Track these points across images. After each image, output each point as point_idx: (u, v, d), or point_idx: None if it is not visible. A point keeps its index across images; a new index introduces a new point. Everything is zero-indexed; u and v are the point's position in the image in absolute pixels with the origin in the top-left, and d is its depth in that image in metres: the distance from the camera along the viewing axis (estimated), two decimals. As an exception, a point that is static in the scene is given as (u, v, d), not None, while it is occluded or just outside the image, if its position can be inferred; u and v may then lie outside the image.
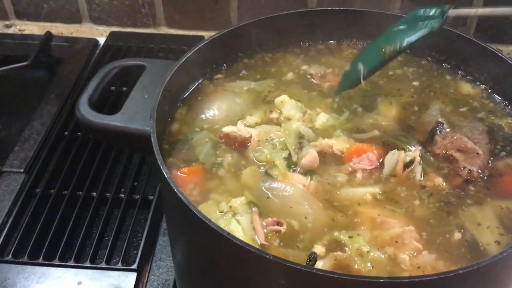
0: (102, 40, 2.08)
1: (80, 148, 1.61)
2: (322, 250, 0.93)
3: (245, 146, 1.13)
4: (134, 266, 1.31)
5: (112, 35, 2.10)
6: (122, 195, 1.49)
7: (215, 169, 1.09)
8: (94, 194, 1.49)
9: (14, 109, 1.85)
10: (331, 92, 1.25)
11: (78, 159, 1.58)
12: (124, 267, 1.31)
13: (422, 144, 1.13)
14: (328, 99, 1.24)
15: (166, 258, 1.34)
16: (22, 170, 1.54)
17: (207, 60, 1.28)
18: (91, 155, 1.60)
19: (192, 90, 1.26)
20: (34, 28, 2.18)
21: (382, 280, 0.79)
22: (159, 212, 1.45)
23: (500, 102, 1.24)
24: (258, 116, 1.19)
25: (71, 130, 1.68)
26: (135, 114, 1.10)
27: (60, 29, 2.17)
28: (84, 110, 1.12)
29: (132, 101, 1.14)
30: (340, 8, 1.34)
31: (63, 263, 1.32)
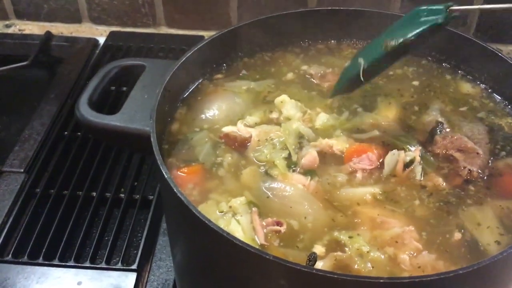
0: (102, 40, 2.08)
1: (80, 148, 1.61)
2: (322, 250, 0.93)
3: (245, 146, 1.13)
4: (134, 266, 1.31)
5: (112, 35, 2.09)
6: (122, 195, 1.49)
7: (215, 169, 1.09)
8: (94, 194, 1.49)
9: (14, 109, 1.85)
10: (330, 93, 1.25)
11: (78, 159, 1.58)
12: (124, 267, 1.31)
13: (422, 144, 1.13)
14: (328, 99, 1.24)
15: (166, 258, 1.34)
16: (22, 170, 1.54)
17: (207, 60, 1.28)
18: (91, 155, 1.60)
19: (192, 90, 1.26)
20: (34, 28, 2.18)
21: (382, 281, 0.79)
22: (159, 212, 1.45)
23: (500, 101, 1.24)
24: (258, 116, 1.18)
25: (71, 130, 1.68)
26: (135, 114, 1.10)
27: (60, 29, 2.17)
28: (84, 110, 1.12)
29: (132, 101, 1.14)
30: (340, 8, 1.34)
31: (63, 263, 1.32)
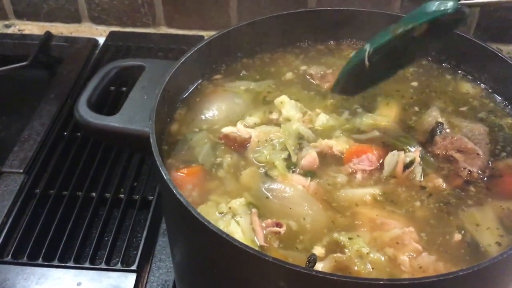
0: (101, 40, 2.08)
1: (80, 148, 1.61)
2: (322, 251, 0.93)
3: (244, 146, 1.13)
4: (134, 267, 1.30)
5: (111, 35, 2.09)
6: (122, 196, 1.49)
7: (214, 170, 1.09)
8: (94, 194, 1.49)
9: (14, 109, 1.85)
10: (331, 92, 1.25)
11: (78, 159, 1.58)
12: (124, 268, 1.31)
13: (422, 144, 1.13)
14: (328, 100, 1.24)
15: (165, 258, 1.34)
16: (21, 171, 1.54)
17: (207, 60, 1.27)
18: (91, 155, 1.59)
19: (191, 90, 1.26)
20: (33, 28, 2.18)
21: (382, 282, 0.78)
22: (158, 212, 1.45)
23: (500, 102, 1.24)
24: (258, 117, 1.18)
25: (70, 130, 1.67)
26: (134, 115, 1.10)
27: (60, 29, 2.17)
28: (83, 111, 1.12)
29: (131, 101, 1.13)
30: (340, 8, 1.34)
31: (62, 264, 1.32)
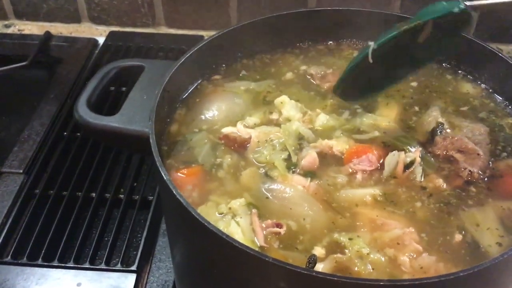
0: (101, 40, 2.07)
1: (80, 148, 1.61)
2: (322, 252, 0.93)
3: (244, 147, 1.12)
4: (134, 267, 1.30)
5: (111, 34, 2.09)
6: (122, 196, 1.49)
7: (214, 170, 1.09)
8: (94, 194, 1.49)
9: (13, 109, 1.85)
10: (331, 92, 1.24)
11: (78, 160, 1.57)
12: (124, 268, 1.31)
13: (423, 145, 1.12)
14: (328, 100, 1.23)
15: (165, 259, 1.34)
16: (21, 171, 1.53)
17: (207, 61, 1.27)
18: (91, 156, 1.59)
19: (191, 90, 1.26)
20: (33, 28, 2.18)
21: (382, 283, 0.78)
22: (158, 212, 1.45)
23: (501, 102, 1.24)
24: (258, 117, 1.18)
25: (70, 130, 1.67)
26: (134, 115, 1.10)
27: (59, 29, 2.17)
28: (82, 111, 1.11)
29: (131, 102, 1.13)
30: (340, 8, 1.33)
31: (62, 264, 1.32)
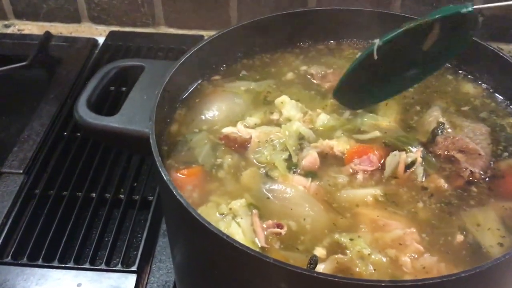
0: (101, 40, 2.07)
1: (80, 148, 1.61)
2: (323, 252, 0.93)
3: (245, 147, 1.12)
4: (134, 268, 1.30)
5: (111, 34, 2.09)
6: (122, 196, 1.49)
7: (214, 170, 1.08)
8: (94, 195, 1.48)
9: (13, 109, 1.85)
10: (331, 92, 1.24)
11: (78, 160, 1.57)
12: (124, 269, 1.30)
13: (424, 145, 1.12)
14: (329, 100, 1.23)
15: (166, 259, 1.34)
16: (21, 171, 1.53)
17: (207, 61, 1.27)
18: (91, 156, 1.59)
19: (191, 90, 1.25)
20: (33, 28, 2.17)
21: (384, 284, 0.78)
22: (159, 213, 1.44)
23: (502, 101, 1.24)
24: (258, 117, 1.18)
25: (70, 130, 1.67)
26: (134, 115, 1.09)
27: (59, 29, 2.16)
28: (82, 111, 1.11)
29: (131, 102, 1.13)
30: (340, 8, 1.33)
31: (62, 265, 1.31)
